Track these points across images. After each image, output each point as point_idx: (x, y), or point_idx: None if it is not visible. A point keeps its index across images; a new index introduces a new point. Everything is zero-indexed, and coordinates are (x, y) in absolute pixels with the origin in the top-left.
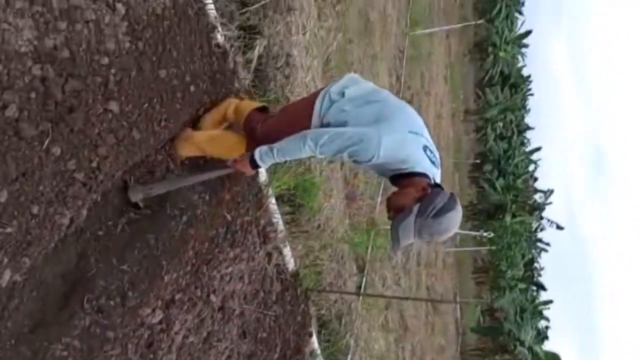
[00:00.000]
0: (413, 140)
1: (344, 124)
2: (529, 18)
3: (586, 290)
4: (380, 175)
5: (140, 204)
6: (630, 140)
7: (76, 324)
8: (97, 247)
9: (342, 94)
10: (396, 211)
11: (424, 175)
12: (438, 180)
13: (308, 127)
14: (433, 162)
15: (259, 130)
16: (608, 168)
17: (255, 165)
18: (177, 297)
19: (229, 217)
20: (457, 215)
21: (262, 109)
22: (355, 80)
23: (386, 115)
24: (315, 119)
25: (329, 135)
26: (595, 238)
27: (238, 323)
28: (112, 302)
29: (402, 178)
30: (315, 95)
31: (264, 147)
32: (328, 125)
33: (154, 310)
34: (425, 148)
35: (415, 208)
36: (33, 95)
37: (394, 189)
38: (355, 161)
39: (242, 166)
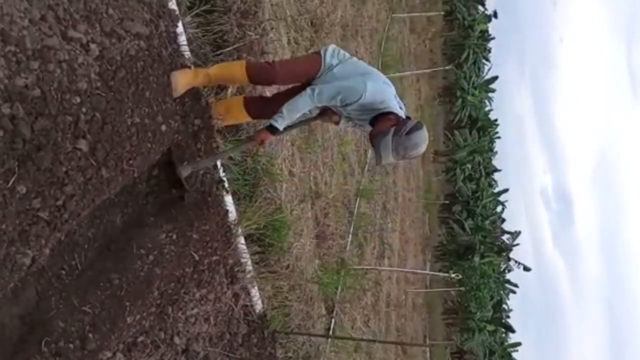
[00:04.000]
0: (387, 88)
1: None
2: (495, 64)
3: (554, 333)
4: (361, 121)
5: (185, 184)
6: (593, 181)
7: None
8: (59, 287)
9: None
10: (375, 136)
11: (396, 115)
12: None
13: (317, 71)
14: (401, 108)
15: (278, 70)
16: (574, 209)
17: (274, 130)
18: (139, 339)
19: (196, 256)
20: (423, 133)
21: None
22: (339, 48)
23: (365, 70)
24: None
25: (322, 88)
26: (562, 279)
27: None
28: (71, 345)
29: (380, 116)
30: (317, 54)
31: (275, 115)
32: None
33: (114, 354)
34: (395, 96)
35: (392, 130)
36: (0, 133)
37: None
38: (346, 105)
39: (264, 136)
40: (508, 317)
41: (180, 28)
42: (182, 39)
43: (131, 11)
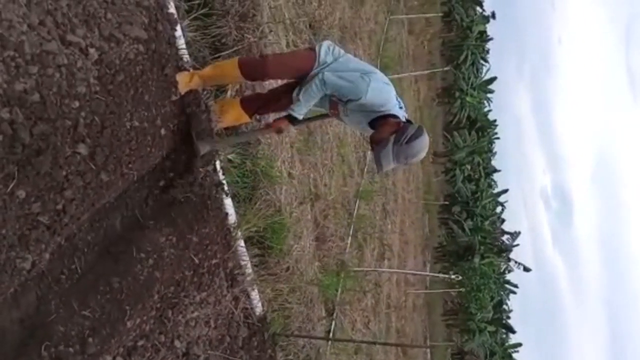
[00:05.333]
0: (389, 89)
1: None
2: (494, 65)
3: (555, 332)
4: (361, 122)
5: (201, 164)
6: (593, 181)
7: None
8: (59, 291)
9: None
10: (377, 143)
11: (396, 117)
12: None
13: (311, 67)
14: (401, 108)
15: (270, 62)
16: (574, 209)
17: (294, 119)
18: (139, 343)
19: (196, 259)
20: (424, 140)
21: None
22: (334, 45)
23: (367, 70)
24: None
25: (327, 76)
26: (562, 280)
27: None
28: (71, 349)
29: (380, 120)
30: (311, 50)
31: (292, 106)
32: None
33: (115, 358)
34: (395, 96)
35: (392, 138)
36: (0, 138)
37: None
38: (349, 100)
39: (283, 124)
40: (508, 317)
41: (178, 31)
42: (181, 43)
43: (130, 15)
